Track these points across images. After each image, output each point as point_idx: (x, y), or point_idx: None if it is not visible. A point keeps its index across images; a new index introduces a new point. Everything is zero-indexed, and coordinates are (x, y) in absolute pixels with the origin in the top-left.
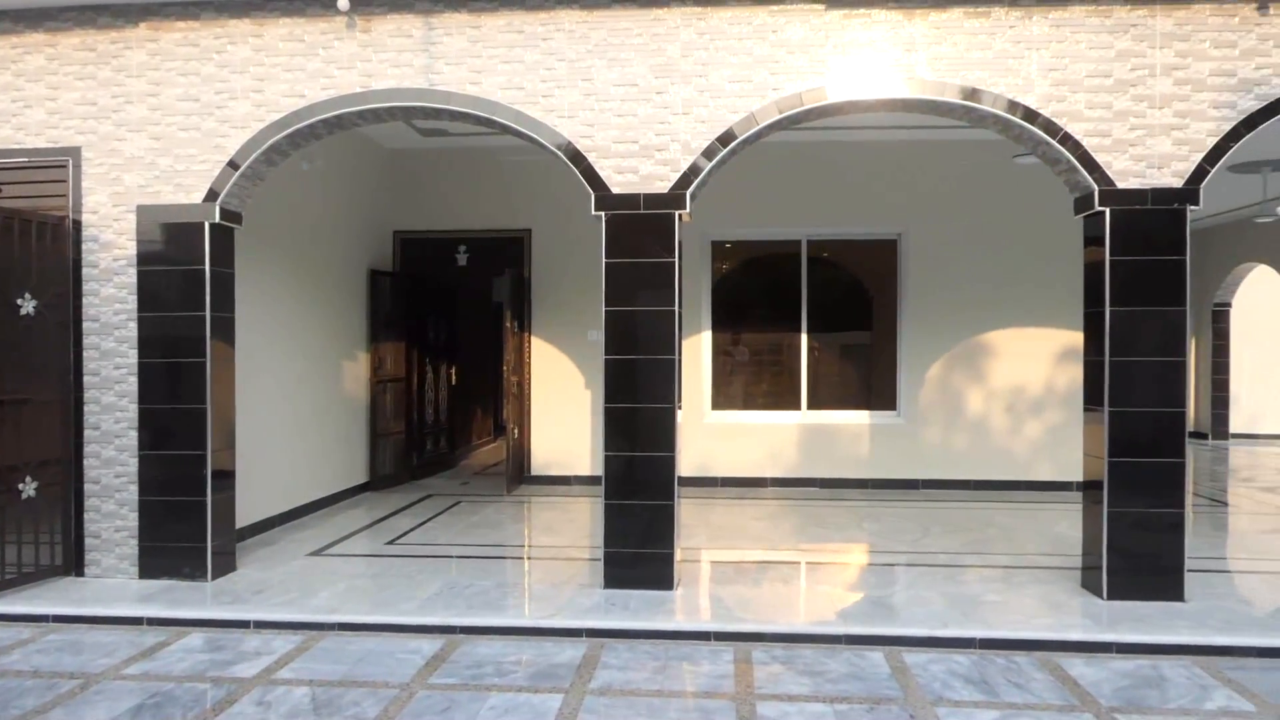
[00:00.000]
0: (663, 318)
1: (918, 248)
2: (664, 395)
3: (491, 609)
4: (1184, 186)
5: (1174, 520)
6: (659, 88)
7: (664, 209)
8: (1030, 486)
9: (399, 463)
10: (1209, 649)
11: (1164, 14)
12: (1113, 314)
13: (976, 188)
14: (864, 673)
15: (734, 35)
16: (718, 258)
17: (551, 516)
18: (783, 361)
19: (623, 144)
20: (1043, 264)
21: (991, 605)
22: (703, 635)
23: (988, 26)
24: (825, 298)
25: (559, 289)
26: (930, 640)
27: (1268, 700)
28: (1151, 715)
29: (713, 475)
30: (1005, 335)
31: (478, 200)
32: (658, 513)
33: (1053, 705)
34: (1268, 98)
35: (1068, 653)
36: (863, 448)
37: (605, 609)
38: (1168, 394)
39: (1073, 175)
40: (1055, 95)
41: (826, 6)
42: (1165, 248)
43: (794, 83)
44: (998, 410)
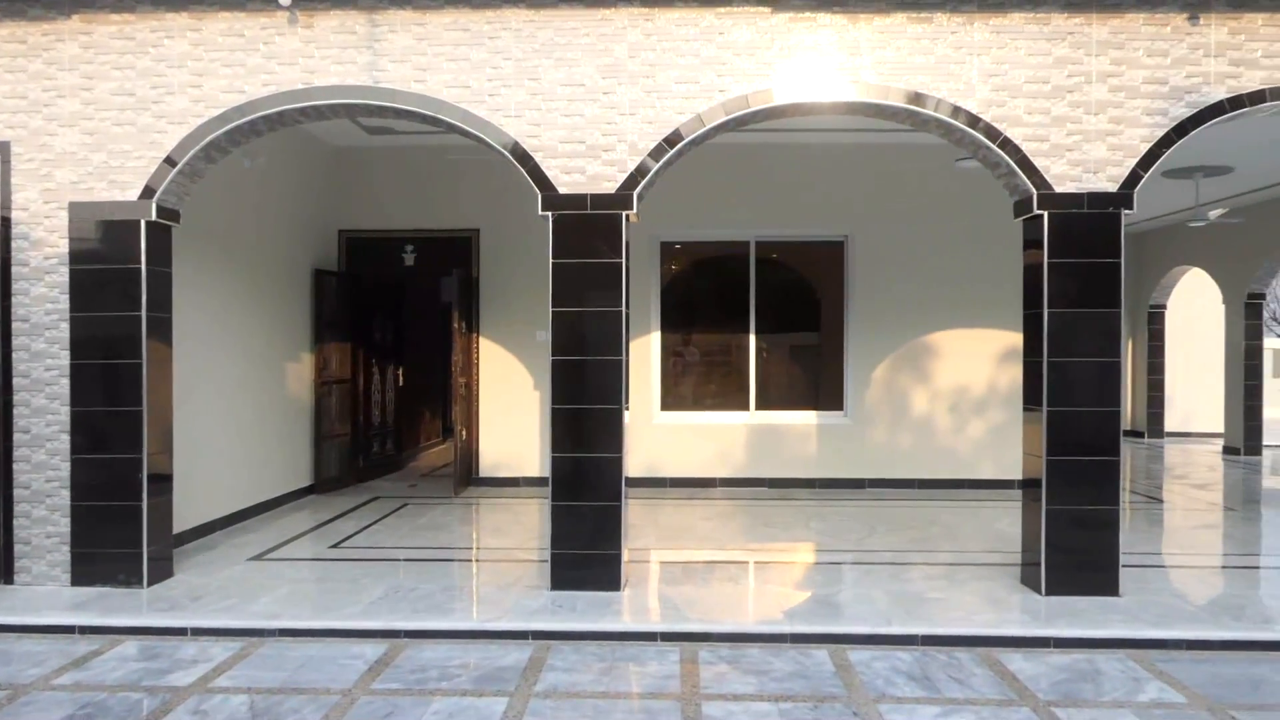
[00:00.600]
0: (610, 318)
1: (864, 250)
2: (611, 396)
3: (437, 612)
4: (1118, 191)
5: (1109, 517)
6: (606, 88)
7: (611, 209)
8: (973, 485)
9: (345, 465)
10: (1142, 642)
11: (1100, 22)
12: (1051, 315)
13: (921, 191)
14: (809, 671)
15: (681, 37)
16: (666, 259)
17: (499, 518)
18: (731, 362)
19: (570, 144)
20: (985, 266)
21: (934, 602)
22: (649, 636)
23: (930, 32)
24: (774, 299)
25: (507, 289)
26: (874, 638)
27: (1197, 692)
28: (1086, 708)
29: (662, 476)
30: (949, 336)
31: (425, 199)
32: (605, 514)
33: (992, 700)
34: (1198, 105)
35: (1007, 648)
36: (810, 448)
37: (552, 611)
38: (1104, 394)
39: (1012, 179)
40: (995, 100)
41: (772, 10)
42: (1101, 251)
43: (741, 85)
44: (942, 410)
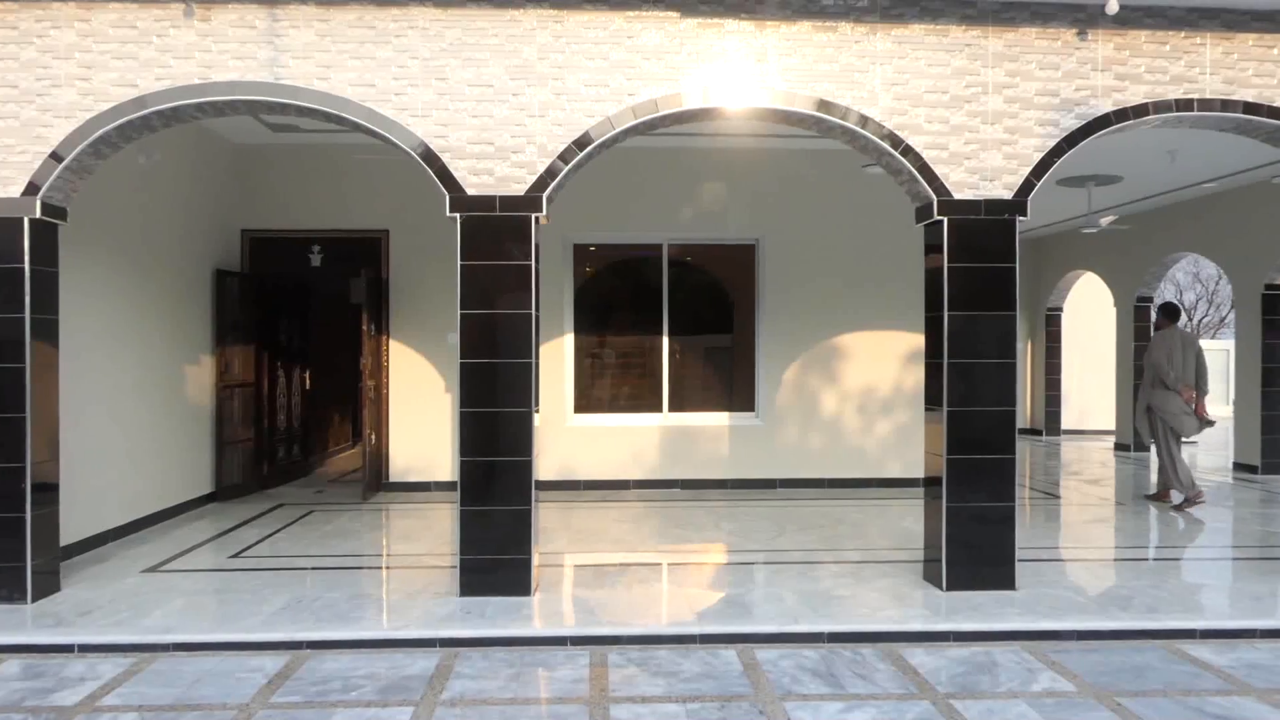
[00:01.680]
0: (519, 321)
1: (774, 253)
2: (521, 399)
3: (341, 622)
4: (1013, 198)
5: (1006, 514)
6: (515, 89)
7: (520, 211)
8: (881, 483)
9: (248, 472)
10: (1036, 634)
11: (995, 35)
12: (951, 318)
13: (830, 195)
14: (717, 671)
15: (590, 39)
16: (580, 261)
17: (409, 524)
18: (645, 364)
19: (478, 145)
20: (891, 270)
21: (840, 600)
22: (559, 640)
23: (835, 40)
24: (687, 301)
25: (418, 291)
26: (781, 636)
27: (1086, 680)
28: (983, 699)
29: (576, 478)
30: (857, 338)
31: (332, 199)
32: (515, 518)
33: (893, 694)
34: (1087, 117)
35: (909, 643)
36: (723, 449)
37: (461, 617)
38: (1000, 394)
39: (914, 185)
40: (897, 109)
41: (681, 15)
42: (997, 255)
43: (650, 88)
44: (850, 410)
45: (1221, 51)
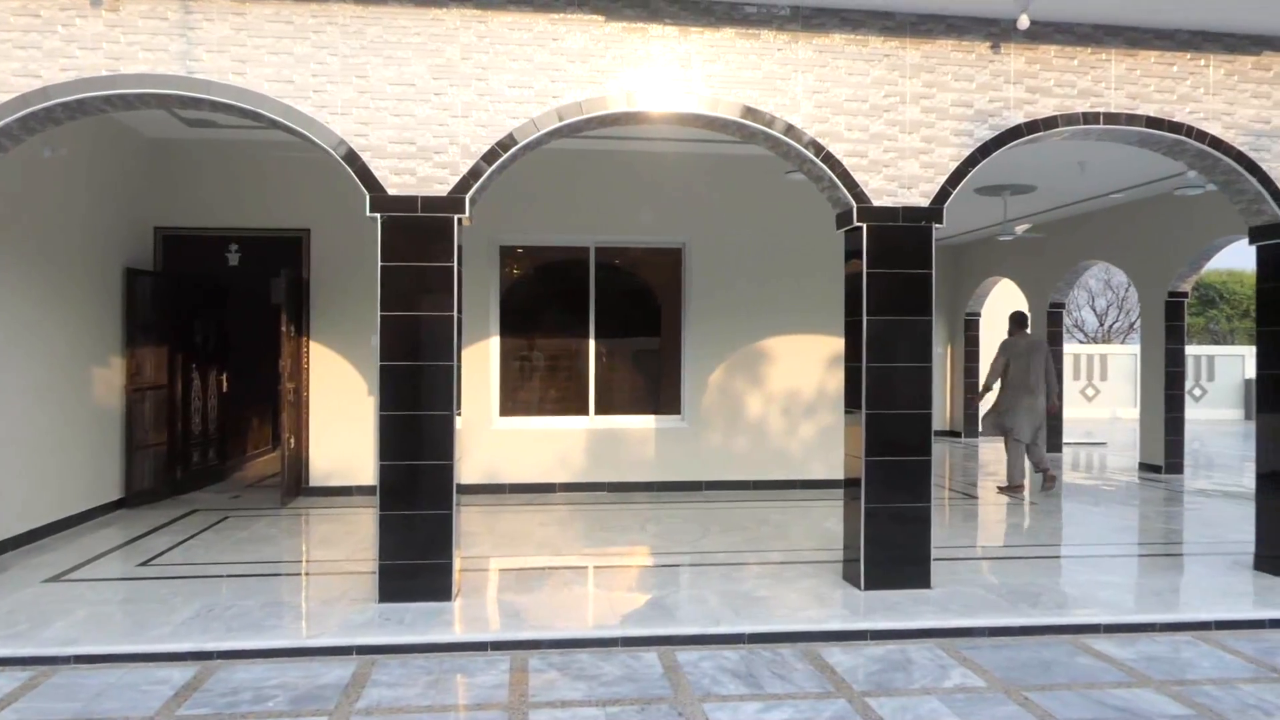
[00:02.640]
0: (441, 323)
1: (700, 257)
2: (442, 402)
3: (253, 630)
4: (930, 206)
5: (922, 514)
6: (438, 89)
7: (443, 212)
8: (805, 485)
9: (160, 477)
10: (950, 631)
11: (913, 46)
12: (870, 322)
13: (755, 200)
14: (638, 674)
15: (515, 41)
16: (507, 263)
17: (329, 529)
18: (572, 367)
19: (400, 144)
20: (814, 274)
21: (762, 601)
22: (480, 646)
23: (758, 48)
24: (614, 304)
25: (340, 292)
26: (702, 638)
27: (996, 675)
28: (897, 696)
29: (501, 482)
30: (782, 341)
31: (251, 197)
32: (436, 522)
33: (811, 693)
34: (1000, 128)
35: (828, 642)
36: (649, 451)
37: (379, 624)
38: (917, 397)
39: (834, 192)
40: (819, 116)
41: (606, 19)
42: (915, 261)
43: (575, 91)
44: (774, 413)
45: (1125, 68)
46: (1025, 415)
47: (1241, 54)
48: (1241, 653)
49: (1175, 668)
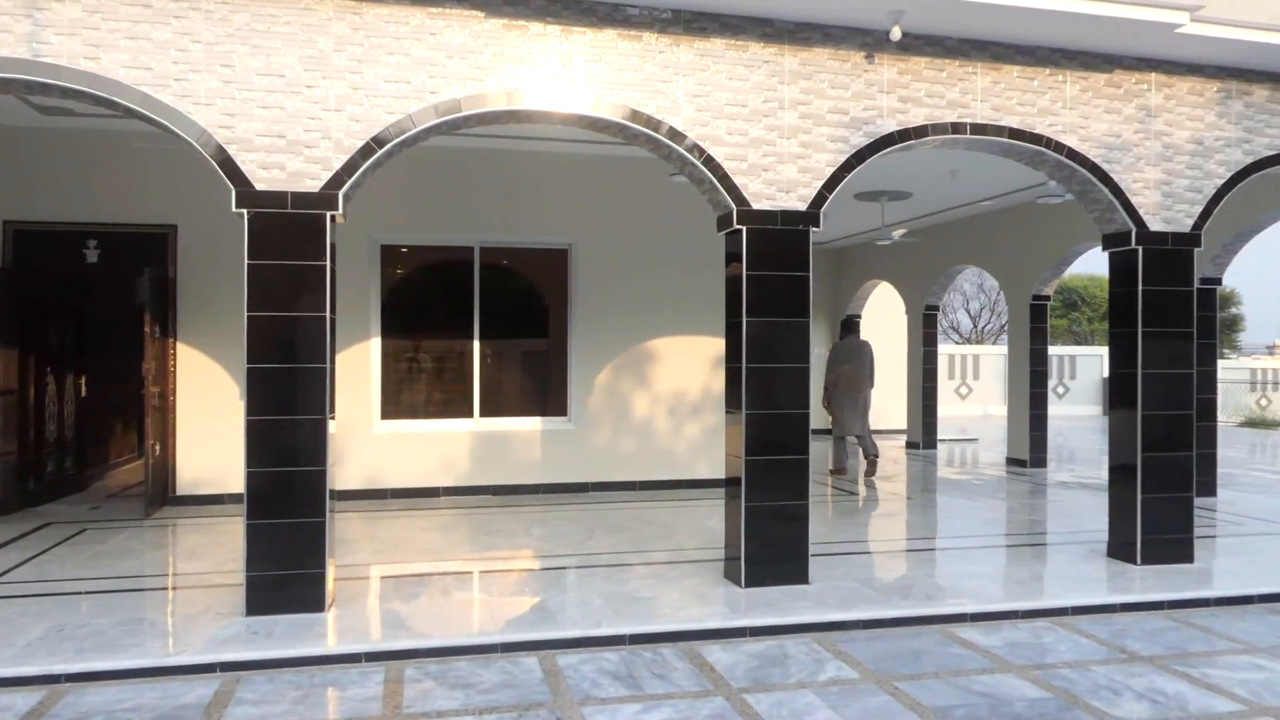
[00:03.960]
0: (313, 324)
1: (586, 258)
2: (314, 406)
3: (107, 650)
4: (807, 210)
5: (800, 511)
6: (309, 81)
7: (315, 209)
8: (691, 485)
9: (11, 488)
10: (827, 625)
11: (791, 54)
12: (749, 324)
13: (641, 202)
14: (517, 680)
15: (391, 34)
16: (389, 263)
17: (196, 540)
18: (456, 369)
19: (268, 138)
20: (699, 276)
21: (644, 601)
22: (354, 658)
23: (640, 50)
24: (501, 305)
25: (210, 291)
26: (583, 640)
27: (869, 667)
28: (774, 691)
29: (383, 487)
30: (668, 343)
31: (112, 190)
32: (307, 530)
33: (690, 692)
34: (874, 135)
35: (708, 640)
36: (535, 453)
37: (246, 639)
38: (794, 397)
39: (715, 195)
40: (699, 120)
41: (486, 15)
42: (793, 264)
43: (453, 88)
44: (661, 413)
45: (991, 80)
46: (856, 411)
47: (1096, 71)
48: (1095, 636)
49: (1035, 653)
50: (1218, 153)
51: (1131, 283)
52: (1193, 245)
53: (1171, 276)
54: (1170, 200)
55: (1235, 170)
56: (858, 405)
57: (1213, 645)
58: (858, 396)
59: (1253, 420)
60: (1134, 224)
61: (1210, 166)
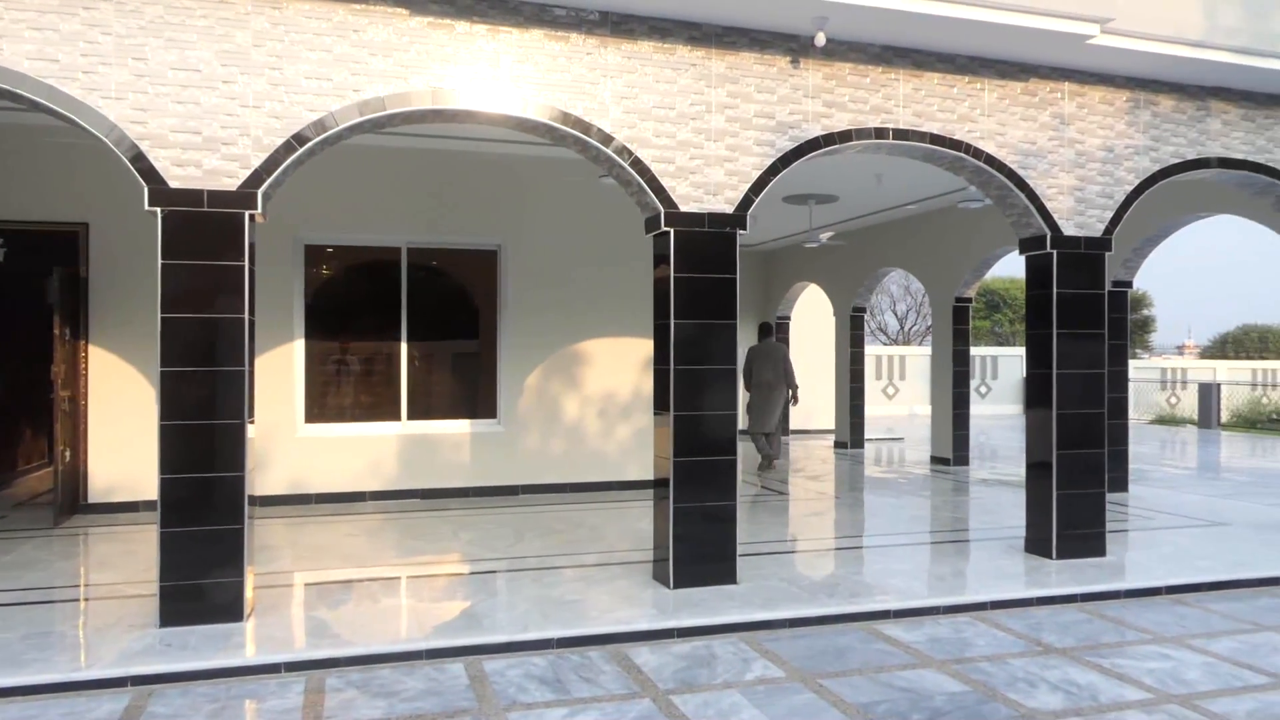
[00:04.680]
0: (231, 326)
1: (516, 259)
2: (233, 410)
3: (12, 666)
4: (734, 212)
5: (728, 512)
6: (227, 76)
7: (232, 208)
8: (621, 486)
9: None
10: (753, 625)
11: (718, 57)
12: (677, 326)
13: (571, 203)
14: (442, 686)
15: (312, 30)
16: (315, 263)
17: (108, 550)
18: (383, 371)
19: (183, 134)
20: (630, 277)
21: (572, 604)
22: (272, 668)
23: (567, 51)
24: (430, 306)
25: (123, 291)
26: (510, 645)
27: (794, 665)
28: (701, 692)
29: (307, 492)
30: (599, 344)
31: (19, 187)
32: (225, 538)
33: (617, 695)
34: (799, 139)
35: (636, 642)
36: (464, 456)
37: (159, 651)
38: (722, 398)
39: (643, 197)
40: (627, 122)
41: (411, 13)
42: (720, 267)
43: (377, 86)
44: (591, 415)
45: (912, 87)
46: (768, 410)
47: (1012, 80)
48: (1013, 629)
49: (956, 647)
50: (1127, 160)
51: (1047, 285)
52: (1104, 249)
53: (1084, 279)
54: (1083, 205)
55: (1144, 177)
56: (770, 404)
57: (1123, 636)
58: (770, 395)
59: (1163, 418)
60: (1049, 228)
61: (1120, 173)
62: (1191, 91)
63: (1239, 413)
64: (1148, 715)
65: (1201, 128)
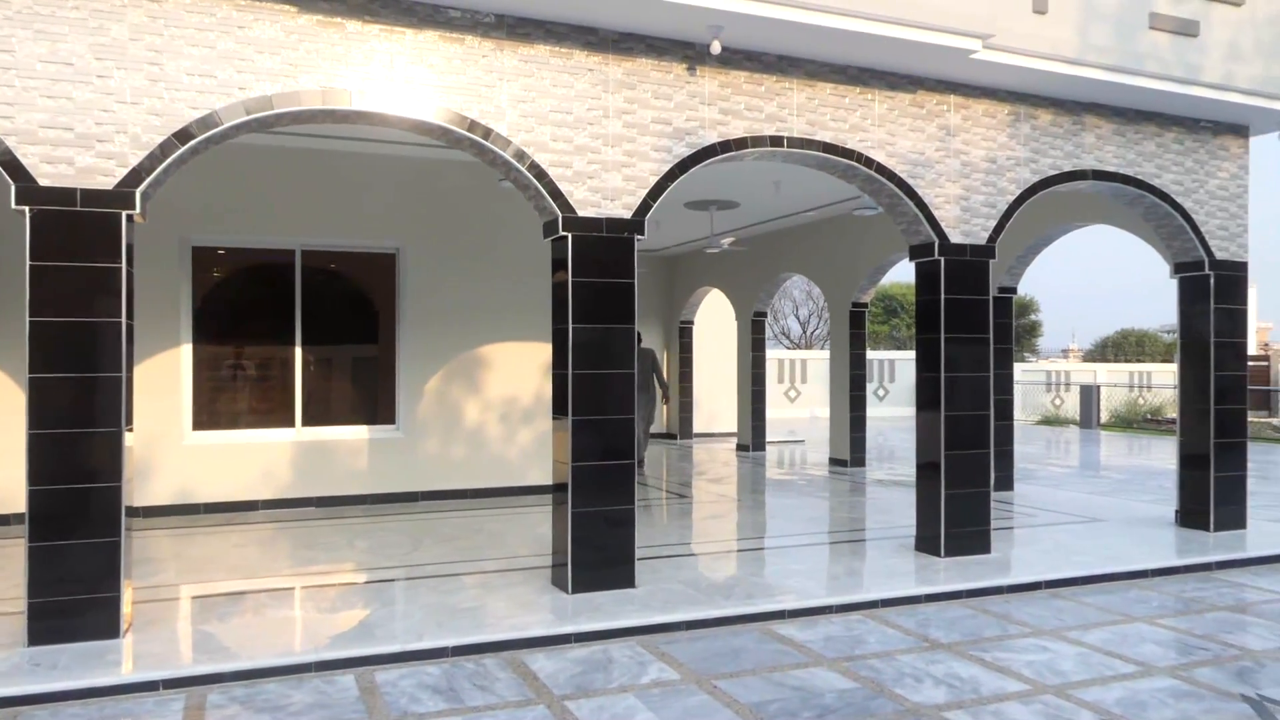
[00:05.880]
0: (106, 330)
1: (415, 262)
2: (109, 418)
3: None
4: (632, 218)
5: (626, 516)
6: (102, 71)
7: (108, 207)
8: (523, 491)
9: None
10: (650, 628)
11: (616, 63)
12: (575, 330)
13: (471, 206)
14: (331, 699)
15: (194, 25)
16: (204, 265)
17: None
18: (277, 376)
19: (54, 130)
20: (532, 281)
21: (468, 612)
22: (150, 685)
23: (462, 53)
24: (326, 310)
25: None
26: (403, 655)
27: (690, 667)
28: (596, 697)
29: (195, 502)
30: (500, 348)
31: None
32: (100, 551)
33: (512, 703)
34: (696, 146)
35: (533, 649)
36: (361, 463)
37: (27, 671)
38: (620, 403)
39: (540, 201)
40: (524, 126)
41: (299, 10)
42: (618, 271)
43: (265, 84)
44: (493, 420)
45: (806, 97)
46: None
47: (901, 91)
48: (902, 627)
49: (848, 645)
50: (1009, 171)
51: (935, 291)
52: (988, 256)
53: (971, 286)
54: (968, 214)
55: (1024, 187)
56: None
57: (1005, 630)
58: (639, 398)
59: (1048, 418)
60: (937, 236)
61: (1003, 184)
62: (1068, 106)
63: (1117, 413)
64: (1025, 705)
65: (1077, 141)
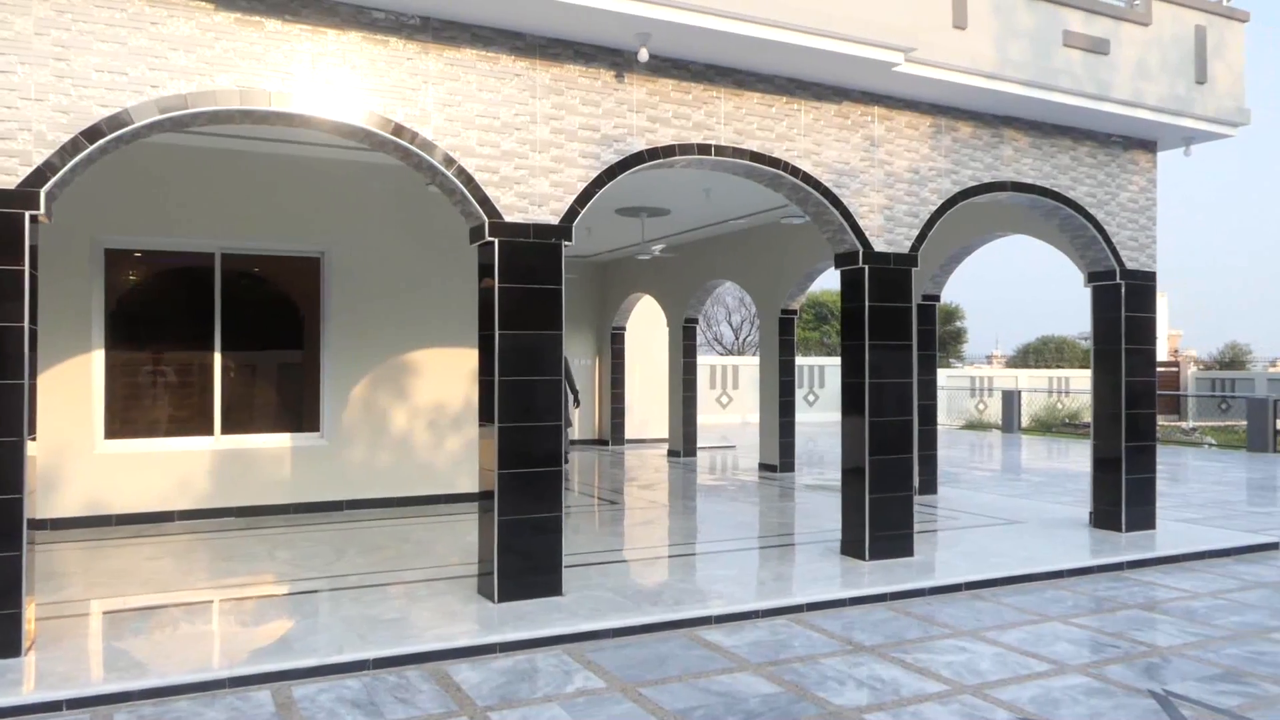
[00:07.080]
0: (9, 335)
1: (341, 267)
2: (10, 426)
3: None
4: (560, 224)
5: (553, 524)
6: (4, 66)
7: (10, 208)
8: (451, 499)
9: None
10: (578, 636)
11: (543, 69)
12: (501, 336)
13: (398, 210)
14: (245, 716)
15: (103, 20)
16: (118, 268)
17: None
18: (195, 383)
19: None
20: (459, 286)
21: (391, 623)
22: (53, 705)
23: (386, 55)
24: (247, 315)
25: None
26: (321, 669)
27: (616, 675)
28: (520, 707)
29: (107, 513)
30: (427, 354)
31: None
32: (1, 566)
33: (434, 715)
34: (624, 153)
35: (457, 659)
36: (284, 471)
37: None
38: (547, 410)
39: (467, 206)
40: (450, 130)
41: (216, 7)
42: (545, 277)
43: (179, 83)
44: (420, 427)
45: (733, 106)
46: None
47: (827, 102)
48: (827, 630)
49: (773, 650)
50: (931, 181)
51: (860, 299)
52: (911, 265)
53: (894, 293)
54: (892, 224)
55: (946, 198)
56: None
57: (927, 632)
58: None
59: (972, 423)
60: (861, 245)
61: (925, 194)
62: (987, 119)
63: (1038, 417)
64: (944, 706)
65: (996, 154)
